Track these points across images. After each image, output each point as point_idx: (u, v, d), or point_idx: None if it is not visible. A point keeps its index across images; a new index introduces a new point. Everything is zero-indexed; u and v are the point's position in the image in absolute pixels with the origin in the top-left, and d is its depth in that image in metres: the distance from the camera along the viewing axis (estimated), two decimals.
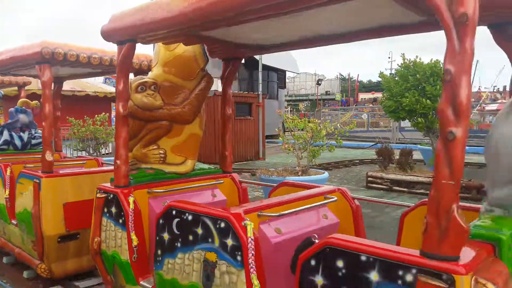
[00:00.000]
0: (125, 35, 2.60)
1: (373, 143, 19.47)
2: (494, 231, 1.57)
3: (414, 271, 1.40)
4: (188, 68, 3.07)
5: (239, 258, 1.92)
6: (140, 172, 2.98)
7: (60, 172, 3.75)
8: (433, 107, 8.43)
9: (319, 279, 1.63)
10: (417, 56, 8.71)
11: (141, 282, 2.50)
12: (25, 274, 4.12)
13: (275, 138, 23.45)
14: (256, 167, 11.45)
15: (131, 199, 2.64)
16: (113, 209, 2.74)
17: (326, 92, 59.89)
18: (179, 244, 2.23)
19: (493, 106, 42.56)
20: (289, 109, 50.86)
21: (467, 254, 1.42)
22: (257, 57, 16.67)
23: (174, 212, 2.25)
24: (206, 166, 3.47)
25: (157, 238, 2.35)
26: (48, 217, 3.49)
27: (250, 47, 3.02)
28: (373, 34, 2.38)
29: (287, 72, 31.42)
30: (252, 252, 1.87)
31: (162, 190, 2.86)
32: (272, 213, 2.18)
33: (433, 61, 8.52)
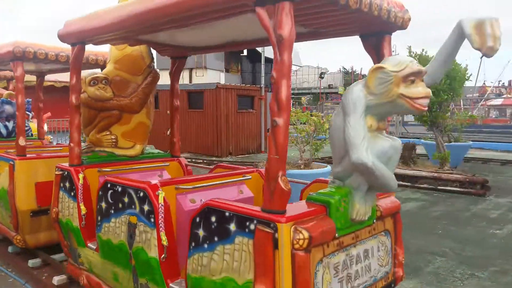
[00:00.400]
0: (75, 38, 3.11)
1: None
2: (327, 196, 2.04)
3: (255, 221, 1.90)
4: (136, 65, 3.59)
5: (152, 220, 2.46)
6: (94, 154, 3.58)
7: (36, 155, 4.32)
8: (437, 102, 8.35)
9: (200, 231, 2.17)
10: (423, 50, 8.61)
11: (89, 244, 3.09)
12: (30, 263, 4.15)
13: None
14: (258, 160, 11.42)
15: (80, 176, 3.18)
16: (67, 184, 3.29)
17: (329, 85, 59.53)
18: (112, 211, 2.78)
19: (498, 101, 42.30)
20: (291, 102, 50.71)
21: (293, 209, 1.92)
22: (259, 49, 16.58)
23: (109, 185, 2.82)
24: (156, 151, 4.06)
25: (98, 207, 2.92)
26: (21, 194, 4.02)
27: (187, 49, 3.60)
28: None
29: None
30: (162, 215, 2.41)
31: (110, 169, 3.40)
32: (188, 186, 2.76)
33: None
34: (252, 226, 1.91)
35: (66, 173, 3.30)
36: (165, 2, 2.26)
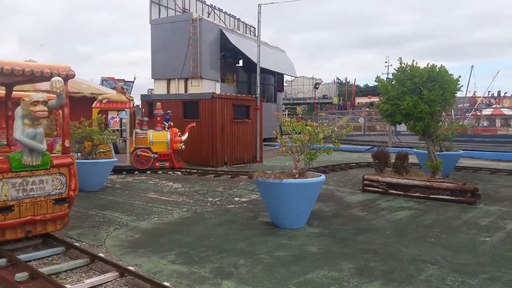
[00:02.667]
0: None
1: (369, 147, 19.48)
2: (12, 154, 4.92)
3: None
4: None
5: None
6: None
7: None
8: (430, 112, 8.42)
9: None
10: (413, 60, 8.71)
11: None
12: (17, 277, 4.10)
13: (273, 141, 23.45)
14: (253, 169, 11.43)
15: None
16: None
17: (324, 96, 60.03)
18: None
19: (488, 111, 42.67)
20: (287, 112, 50.85)
21: None
22: (255, 60, 16.67)
23: None
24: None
25: None
26: None
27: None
28: None
29: (285, 75, 31.44)
30: None
31: None
32: None
33: (429, 66, 8.50)
34: None
35: None
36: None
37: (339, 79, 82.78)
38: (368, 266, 4.55)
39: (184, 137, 12.29)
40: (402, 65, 8.78)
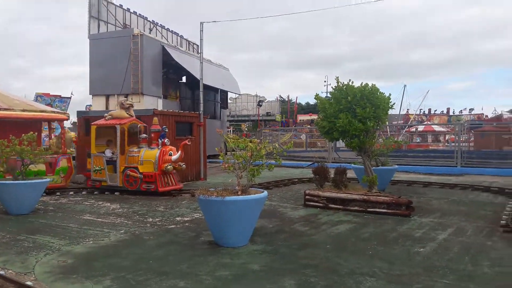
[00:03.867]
0: None
1: (310, 163, 19.96)
2: None
3: None
4: None
5: None
6: None
7: None
8: (363, 129, 8.80)
9: None
10: (350, 80, 9.12)
11: None
12: None
13: (218, 158, 23.33)
14: (196, 187, 11.24)
15: None
16: None
17: (267, 113, 61.06)
18: None
19: (420, 127, 45.69)
20: (231, 129, 50.99)
21: None
22: (198, 76, 16.60)
23: None
24: None
25: None
26: None
27: None
28: None
29: (229, 93, 31.60)
30: None
31: None
32: None
33: (362, 85, 8.94)
34: None
35: None
36: None
37: (282, 97, 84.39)
38: (309, 282, 4.58)
39: (175, 157, 11.04)
40: (339, 84, 9.16)
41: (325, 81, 52.39)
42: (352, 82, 9.11)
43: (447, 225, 7.42)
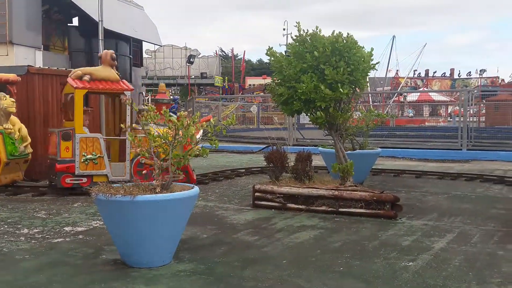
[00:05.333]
0: None
1: (263, 146, 20.18)
2: None
3: None
4: None
5: None
6: None
7: None
8: (335, 97, 8.94)
9: None
10: (317, 27, 9.19)
11: None
12: None
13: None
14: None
15: None
16: None
17: (202, 74, 60.53)
18: None
19: (414, 96, 47.39)
20: (150, 96, 50.07)
21: None
22: (96, 18, 16.11)
23: None
24: None
25: None
26: None
27: None
28: None
29: (144, 43, 31.01)
30: None
31: None
32: None
33: (334, 35, 9.05)
34: None
35: None
36: None
37: (223, 52, 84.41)
38: None
39: None
40: (302, 32, 9.23)
41: (284, 29, 52.71)
42: (320, 31, 9.22)
43: (446, 230, 7.83)
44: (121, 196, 5.77)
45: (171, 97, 11.88)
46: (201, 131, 7.32)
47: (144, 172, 6.71)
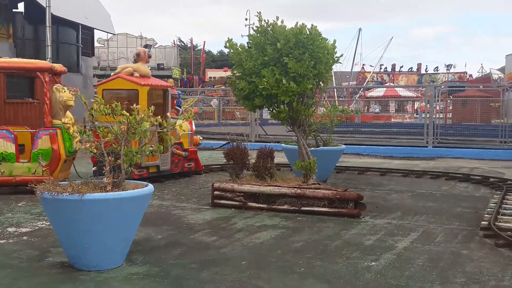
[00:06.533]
0: None
1: (224, 142, 20.21)
2: None
3: None
4: None
5: None
6: None
7: None
8: (298, 92, 9.00)
9: None
10: (278, 18, 9.22)
11: None
12: None
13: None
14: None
15: None
16: None
17: (159, 65, 59.93)
18: None
19: (380, 92, 48.15)
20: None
21: None
22: (43, 3, 15.79)
23: None
24: None
25: None
26: None
27: None
28: None
29: (96, 31, 30.58)
30: None
31: None
32: None
33: (298, 26, 9.11)
34: None
35: None
36: None
37: (182, 42, 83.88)
38: None
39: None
40: (263, 23, 9.26)
41: (246, 19, 52.71)
42: (282, 22, 9.26)
43: (410, 229, 8.01)
44: (68, 195, 5.70)
45: (178, 92, 13.02)
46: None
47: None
